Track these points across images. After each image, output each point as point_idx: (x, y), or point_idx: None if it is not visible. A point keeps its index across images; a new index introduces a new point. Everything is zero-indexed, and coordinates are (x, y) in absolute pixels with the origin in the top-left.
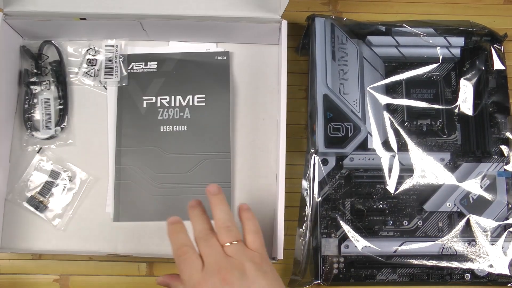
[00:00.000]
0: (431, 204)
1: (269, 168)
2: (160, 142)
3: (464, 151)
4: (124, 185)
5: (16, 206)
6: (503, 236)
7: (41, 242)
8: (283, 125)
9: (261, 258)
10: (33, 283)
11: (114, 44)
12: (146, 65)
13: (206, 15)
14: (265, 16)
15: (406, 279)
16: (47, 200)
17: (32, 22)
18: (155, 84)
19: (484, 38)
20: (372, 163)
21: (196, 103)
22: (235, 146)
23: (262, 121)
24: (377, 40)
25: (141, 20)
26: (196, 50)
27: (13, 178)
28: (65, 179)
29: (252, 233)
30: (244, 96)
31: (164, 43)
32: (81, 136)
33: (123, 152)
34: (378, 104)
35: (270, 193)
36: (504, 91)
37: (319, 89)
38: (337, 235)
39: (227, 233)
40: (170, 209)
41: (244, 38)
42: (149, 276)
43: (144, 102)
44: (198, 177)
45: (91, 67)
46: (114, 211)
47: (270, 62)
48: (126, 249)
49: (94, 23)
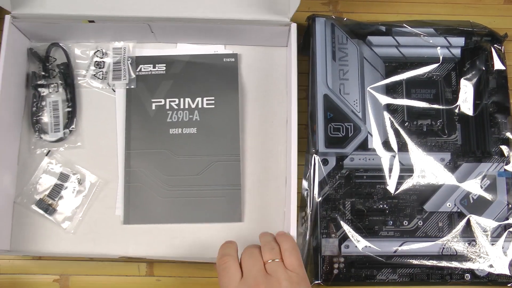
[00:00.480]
0: (431, 204)
1: (278, 170)
2: (170, 144)
3: (464, 151)
4: (134, 187)
5: (25, 209)
6: (503, 236)
7: (50, 245)
8: (294, 127)
9: (298, 278)
10: (33, 283)
11: (122, 46)
12: (154, 67)
13: (215, 18)
14: (274, 19)
15: (406, 279)
16: (56, 203)
17: (40, 25)
18: (164, 86)
19: (484, 38)
20: (372, 163)
21: (205, 105)
22: (244, 148)
23: (271, 123)
24: (377, 40)
25: (150, 23)
26: (204, 52)
27: (22, 181)
28: (74, 181)
29: (290, 253)
30: (252, 98)
31: (172, 45)
32: (89, 139)
33: (132, 155)
34: (378, 104)
35: (279, 195)
36: (504, 91)
37: (319, 89)
38: (337, 235)
39: (270, 251)
40: (180, 212)
41: (253, 40)
42: (149, 276)
43: (153, 105)
44: (208, 180)
45: (99, 69)
46: (124, 213)
47: (279, 64)
48: (137, 251)
49: (102, 26)
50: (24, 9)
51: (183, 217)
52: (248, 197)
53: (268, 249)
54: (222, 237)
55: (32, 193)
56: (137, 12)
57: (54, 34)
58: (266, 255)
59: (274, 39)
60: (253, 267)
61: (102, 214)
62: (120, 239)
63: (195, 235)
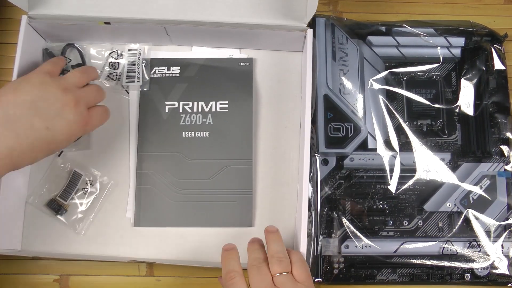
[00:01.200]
0: (431, 204)
1: (290, 175)
2: (182, 147)
3: (464, 151)
4: (145, 190)
5: (36, 209)
6: (503, 236)
7: (61, 246)
8: (307, 132)
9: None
10: (33, 283)
11: (137, 48)
12: (168, 69)
13: (231, 22)
14: (290, 24)
15: (406, 279)
16: (67, 204)
17: (56, 25)
18: (178, 89)
19: (484, 38)
20: (372, 163)
21: (219, 109)
22: (257, 153)
23: (285, 128)
24: (377, 40)
25: (166, 26)
26: (219, 55)
27: (34, 181)
28: (85, 183)
29: (298, 265)
30: (266, 102)
31: (187, 48)
32: (102, 140)
33: (144, 157)
34: (379, 104)
35: (291, 201)
36: (504, 91)
37: (319, 89)
38: (337, 235)
39: (279, 263)
40: (190, 215)
41: (268, 45)
42: (149, 276)
43: (166, 107)
44: (219, 184)
45: (113, 70)
46: (134, 216)
47: (293, 69)
48: (147, 254)
49: (118, 27)
50: (40, 10)
51: (193, 221)
52: (259, 202)
53: (276, 261)
54: (232, 242)
55: (44, 194)
56: (153, 15)
57: (70, 34)
58: (274, 268)
59: (290, 44)
60: (261, 283)
61: (113, 216)
62: (130, 241)
63: (205, 239)
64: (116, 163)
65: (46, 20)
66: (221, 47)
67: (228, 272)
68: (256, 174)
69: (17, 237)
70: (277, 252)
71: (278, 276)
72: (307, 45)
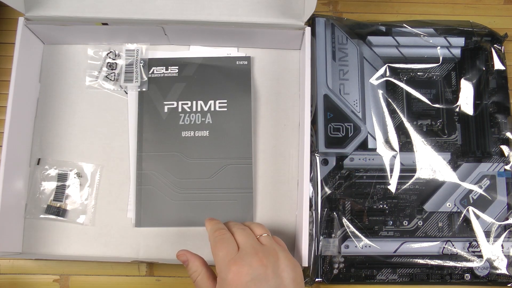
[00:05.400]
0: (431, 204)
1: (290, 173)
2: (182, 147)
3: (464, 151)
4: (146, 190)
5: (36, 220)
6: (503, 236)
7: (62, 247)
8: (307, 130)
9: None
10: (33, 283)
11: (135, 49)
12: (167, 69)
13: (228, 21)
14: (288, 23)
15: (406, 279)
16: (64, 203)
17: (53, 27)
18: (176, 88)
19: (484, 38)
20: (372, 163)
21: (218, 108)
22: (256, 151)
23: (284, 126)
24: (377, 40)
25: (163, 25)
26: (217, 54)
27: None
28: (73, 177)
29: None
30: (265, 101)
31: (184, 47)
32: (101, 141)
33: (144, 157)
34: (378, 104)
35: (291, 199)
36: (504, 91)
37: (319, 89)
38: (337, 235)
39: (260, 227)
40: (192, 215)
41: (266, 43)
42: (149, 276)
43: (165, 107)
44: (220, 183)
45: (111, 71)
46: (135, 216)
47: (291, 67)
48: (148, 254)
49: (115, 28)
50: (37, 11)
51: (194, 220)
52: (259, 200)
53: (258, 226)
54: None
55: (38, 202)
56: (151, 15)
57: (67, 35)
58: (257, 230)
59: (288, 42)
60: (248, 239)
61: (114, 217)
62: (131, 241)
63: (206, 238)
64: (116, 164)
65: (43, 22)
66: (219, 46)
67: (216, 230)
68: (256, 173)
69: (17, 239)
70: (257, 224)
71: (263, 236)
72: (306, 44)
